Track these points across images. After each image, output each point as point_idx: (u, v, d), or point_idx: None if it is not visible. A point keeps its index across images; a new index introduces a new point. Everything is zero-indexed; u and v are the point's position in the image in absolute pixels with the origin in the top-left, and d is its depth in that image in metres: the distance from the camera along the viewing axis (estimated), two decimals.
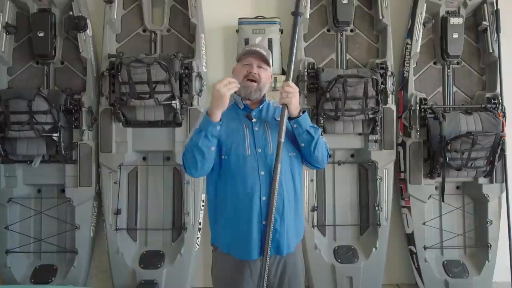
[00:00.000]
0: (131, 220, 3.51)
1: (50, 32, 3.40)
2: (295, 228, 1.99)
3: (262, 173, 1.90)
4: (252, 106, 2.01)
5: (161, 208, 3.55)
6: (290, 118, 1.92)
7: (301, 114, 1.91)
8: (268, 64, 1.99)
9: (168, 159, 3.54)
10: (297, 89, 1.93)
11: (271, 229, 1.85)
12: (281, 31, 3.51)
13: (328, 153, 2.03)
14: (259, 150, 1.92)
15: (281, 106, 1.93)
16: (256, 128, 1.96)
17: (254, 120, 1.97)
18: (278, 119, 1.94)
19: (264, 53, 1.98)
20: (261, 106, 2.02)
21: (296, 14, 2.04)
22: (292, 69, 2.00)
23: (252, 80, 1.95)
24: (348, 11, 3.51)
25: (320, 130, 1.96)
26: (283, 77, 2.07)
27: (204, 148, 1.86)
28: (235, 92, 1.99)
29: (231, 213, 1.93)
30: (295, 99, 1.91)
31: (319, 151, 1.95)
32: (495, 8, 3.54)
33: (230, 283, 1.96)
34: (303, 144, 1.93)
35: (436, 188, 3.52)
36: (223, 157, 1.92)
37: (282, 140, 1.88)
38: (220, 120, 1.87)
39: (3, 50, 3.39)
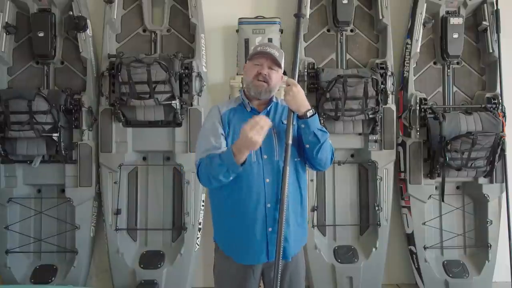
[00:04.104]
0: (131, 220, 3.51)
1: (50, 32, 3.40)
2: (299, 233, 1.99)
3: (268, 180, 1.89)
4: (259, 107, 1.99)
5: (161, 208, 3.55)
6: (299, 117, 1.88)
7: (308, 114, 1.87)
8: (279, 65, 1.96)
9: (168, 159, 3.54)
10: (294, 85, 1.89)
11: (282, 235, 1.84)
12: (281, 31, 3.51)
13: (332, 156, 1.99)
14: (265, 157, 1.90)
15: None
16: None
17: None
18: (286, 122, 1.92)
19: (276, 54, 1.94)
20: (268, 108, 2.00)
21: (298, 16, 2.05)
22: (297, 70, 2.00)
23: (262, 81, 1.93)
24: (348, 11, 3.51)
25: (328, 134, 1.92)
26: (284, 77, 2.06)
27: (224, 179, 1.84)
28: (244, 92, 2.00)
29: (235, 219, 1.93)
30: (292, 96, 1.86)
31: (323, 155, 1.91)
32: (495, 8, 3.54)
33: (233, 283, 1.97)
34: (307, 146, 1.90)
35: (436, 188, 3.52)
36: None
37: (290, 142, 1.86)
38: (244, 162, 1.80)
39: (3, 50, 3.38)
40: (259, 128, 1.71)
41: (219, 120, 1.97)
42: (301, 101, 1.88)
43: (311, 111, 1.88)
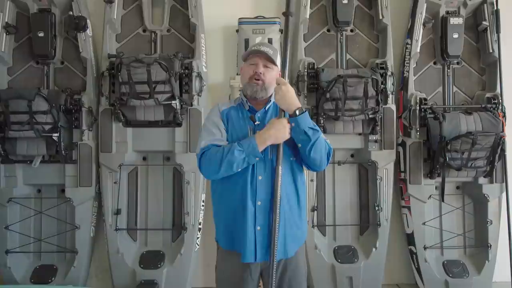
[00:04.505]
0: (131, 220, 3.51)
1: (50, 32, 3.40)
2: (294, 233, 1.99)
3: (260, 177, 1.90)
4: (258, 107, 2.01)
5: (161, 208, 3.55)
6: (290, 116, 1.89)
7: (297, 113, 1.87)
8: (274, 63, 1.98)
9: (168, 159, 3.54)
10: (283, 84, 1.90)
11: (276, 234, 1.85)
12: (281, 31, 3.51)
13: (329, 156, 1.97)
14: None
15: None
16: None
17: (257, 123, 1.96)
18: None
19: (270, 52, 1.97)
20: (267, 107, 2.01)
21: (287, 14, 2.06)
22: (286, 69, 2.00)
23: (257, 80, 1.95)
24: (348, 11, 3.51)
25: (320, 132, 1.92)
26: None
27: (235, 169, 1.86)
28: (242, 92, 2.02)
29: (229, 216, 1.95)
30: (282, 95, 1.88)
31: (317, 154, 1.90)
32: (495, 8, 3.55)
33: (232, 282, 1.97)
34: (300, 145, 1.91)
35: (436, 188, 3.52)
36: None
37: (281, 141, 1.89)
38: (262, 152, 1.88)
39: (3, 50, 3.38)
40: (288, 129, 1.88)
41: (219, 117, 1.99)
42: (291, 100, 1.89)
43: (301, 109, 1.89)
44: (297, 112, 1.87)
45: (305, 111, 1.90)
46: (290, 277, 1.98)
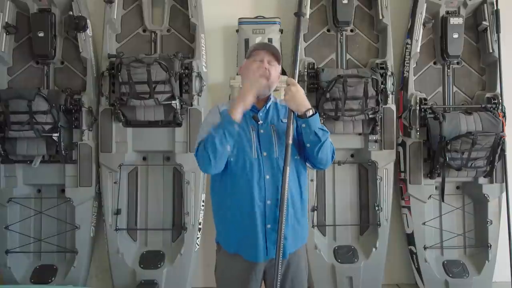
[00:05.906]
0: (131, 220, 3.51)
1: (50, 32, 3.40)
2: (298, 232, 1.99)
3: (267, 177, 1.90)
4: (258, 104, 1.99)
5: (161, 208, 3.55)
6: (299, 117, 1.89)
7: (307, 114, 1.86)
8: (278, 60, 1.97)
9: (168, 159, 3.54)
10: (293, 84, 1.89)
11: (282, 233, 1.84)
12: (281, 31, 3.51)
13: (333, 155, 1.98)
14: (265, 154, 1.91)
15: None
16: (262, 131, 1.94)
17: (260, 122, 1.96)
18: (286, 121, 1.92)
19: (275, 49, 1.97)
20: (267, 106, 2.00)
21: (298, 14, 2.06)
22: (297, 69, 2.00)
23: (263, 75, 1.93)
24: (348, 11, 3.51)
25: (328, 133, 1.92)
26: (283, 77, 2.07)
27: (220, 147, 1.82)
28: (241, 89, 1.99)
29: (236, 216, 1.93)
30: (291, 96, 1.87)
31: (324, 153, 1.91)
32: (495, 8, 3.55)
33: (236, 283, 1.96)
34: (308, 145, 1.90)
35: (436, 188, 3.52)
36: (230, 159, 1.90)
37: (290, 142, 1.87)
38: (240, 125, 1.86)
39: (3, 50, 3.38)
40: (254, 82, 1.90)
41: (218, 117, 1.96)
42: (301, 100, 1.88)
43: (311, 110, 1.88)
44: (307, 114, 1.87)
45: (316, 112, 1.89)
46: (293, 276, 1.98)
